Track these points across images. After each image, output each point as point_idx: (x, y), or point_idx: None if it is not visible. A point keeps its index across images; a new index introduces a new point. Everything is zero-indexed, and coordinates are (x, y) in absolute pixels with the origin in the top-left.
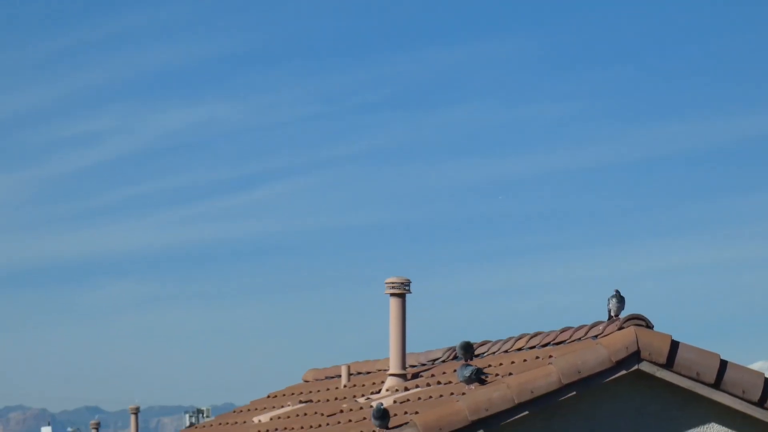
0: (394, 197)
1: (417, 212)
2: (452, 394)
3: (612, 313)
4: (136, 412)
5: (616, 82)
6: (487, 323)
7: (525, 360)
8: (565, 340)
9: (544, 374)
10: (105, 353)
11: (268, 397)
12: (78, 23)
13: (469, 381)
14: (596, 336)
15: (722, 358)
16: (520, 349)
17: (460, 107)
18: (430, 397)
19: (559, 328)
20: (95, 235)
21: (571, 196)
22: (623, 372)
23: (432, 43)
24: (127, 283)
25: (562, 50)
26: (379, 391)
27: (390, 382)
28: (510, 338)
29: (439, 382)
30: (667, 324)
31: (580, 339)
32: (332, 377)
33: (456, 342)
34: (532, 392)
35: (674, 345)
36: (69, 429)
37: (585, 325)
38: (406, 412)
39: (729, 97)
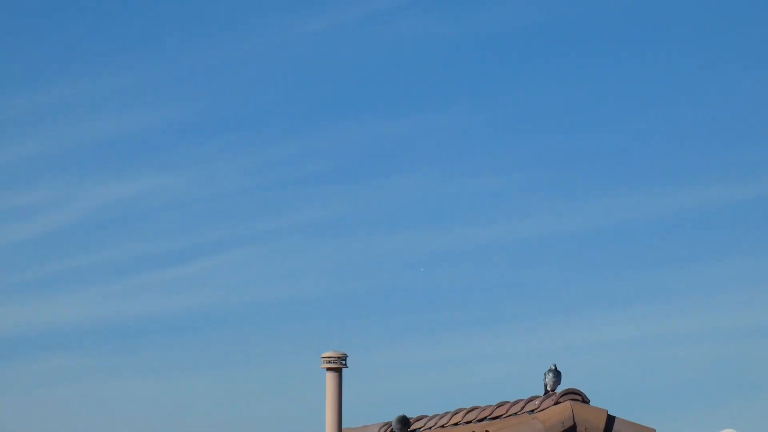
0: (331, 270)
1: (355, 285)
2: None
3: (548, 388)
4: None
5: (556, 154)
6: (424, 397)
7: None
8: (501, 415)
9: None
10: (37, 428)
11: None
12: (6, 94)
13: None
14: (533, 411)
15: None
16: (456, 424)
17: (400, 179)
18: None
19: (495, 402)
20: (29, 310)
21: (510, 268)
22: None
23: (371, 114)
24: (62, 358)
25: (503, 121)
26: None
27: None
28: (447, 413)
29: None
30: (604, 398)
31: (516, 414)
32: None
33: (393, 416)
34: None
35: (610, 420)
36: None
37: (521, 400)
38: None
39: (667, 171)
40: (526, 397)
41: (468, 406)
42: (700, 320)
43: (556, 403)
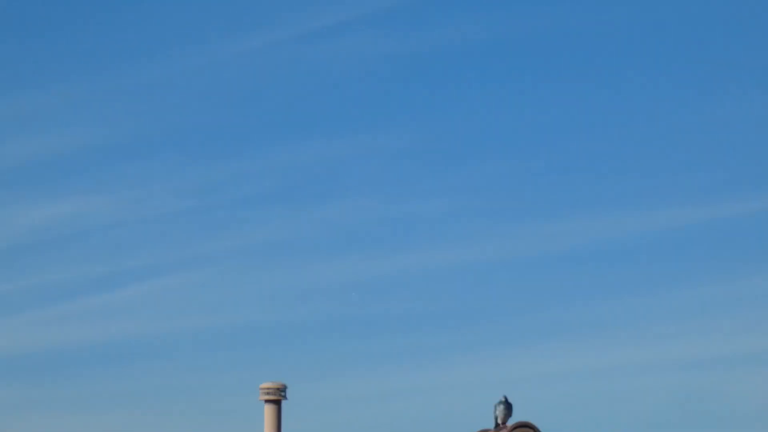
0: (270, 297)
1: (294, 313)
2: None
3: (499, 420)
4: None
5: (501, 178)
6: (368, 429)
7: None
8: None
9: None
10: None
11: None
12: None
13: None
14: None
15: None
16: None
17: (342, 202)
18: None
19: None
20: None
21: (454, 295)
22: None
23: (314, 134)
24: None
25: (445, 144)
26: None
27: None
28: None
29: None
30: (557, 431)
31: None
32: None
33: None
34: None
35: None
36: None
37: None
38: None
39: (615, 196)
40: (474, 430)
41: None
42: (660, 350)
43: None
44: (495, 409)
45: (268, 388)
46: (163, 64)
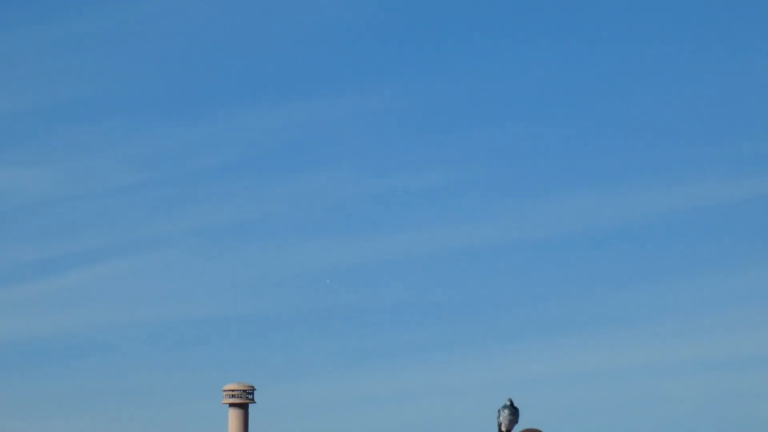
0: (234, 286)
1: (263, 304)
2: None
3: (503, 428)
4: None
5: (504, 147)
6: None
7: None
8: None
9: None
10: None
11: None
12: None
13: None
14: None
15: None
16: None
17: (317, 175)
18: None
19: None
20: None
21: (450, 284)
22: None
23: (285, 97)
24: None
25: (440, 108)
26: None
27: None
28: None
29: None
30: None
31: None
32: None
33: None
34: None
35: None
36: None
37: None
38: None
39: (640, 168)
40: None
41: None
42: (689, 347)
43: None
44: (498, 415)
45: (233, 390)
46: (111, 15)
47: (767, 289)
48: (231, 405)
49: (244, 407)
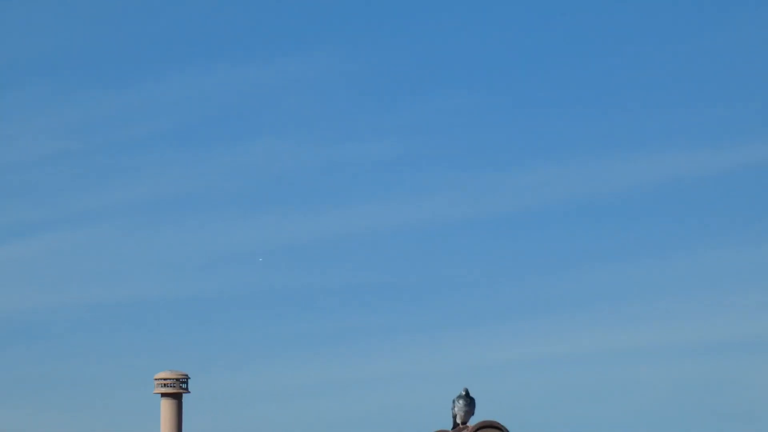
0: (167, 265)
1: (198, 285)
2: None
3: (458, 420)
4: None
5: (458, 117)
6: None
7: None
8: None
9: None
10: None
11: None
12: None
13: None
14: None
15: None
16: None
17: (255, 146)
18: None
19: None
20: None
21: (403, 263)
22: None
23: (219, 62)
24: None
25: (395, 71)
26: None
27: None
28: None
29: None
30: None
31: None
32: None
33: None
34: None
35: None
36: None
37: None
38: None
39: (606, 138)
40: (429, 431)
41: None
42: (660, 332)
43: None
44: (453, 406)
45: (165, 379)
46: None
47: (742, 269)
48: (163, 395)
49: (177, 397)
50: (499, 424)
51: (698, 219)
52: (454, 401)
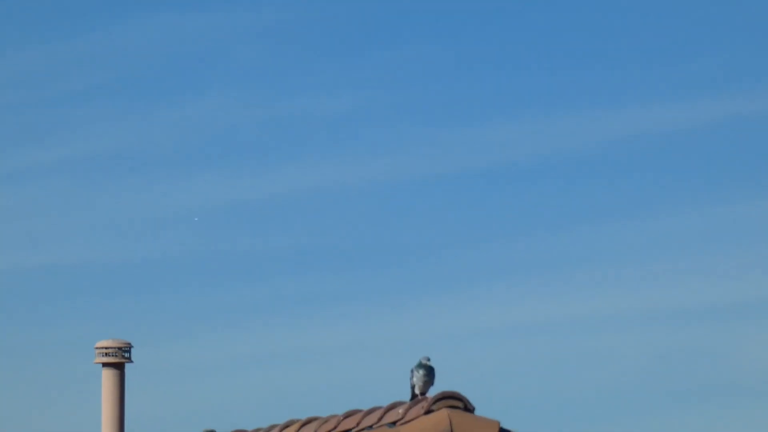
0: (105, 227)
1: (139, 248)
2: None
3: (417, 390)
4: None
5: (414, 68)
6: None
7: None
8: (351, 429)
9: None
10: None
11: None
12: None
13: None
14: (395, 423)
15: None
16: None
17: (197, 99)
18: None
19: (342, 411)
20: None
21: (356, 225)
22: None
23: (159, 10)
24: None
25: (340, 22)
26: None
27: None
28: (274, 426)
29: None
30: (494, 405)
31: (372, 427)
32: None
33: (197, 431)
34: None
35: None
36: None
37: (379, 408)
38: None
39: (578, 88)
40: (384, 403)
41: (303, 417)
42: (635, 296)
43: (428, 412)
44: (412, 375)
45: (106, 348)
46: None
47: (725, 230)
48: (104, 365)
49: (119, 367)
50: (460, 394)
51: (670, 178)
52: (412, 371)
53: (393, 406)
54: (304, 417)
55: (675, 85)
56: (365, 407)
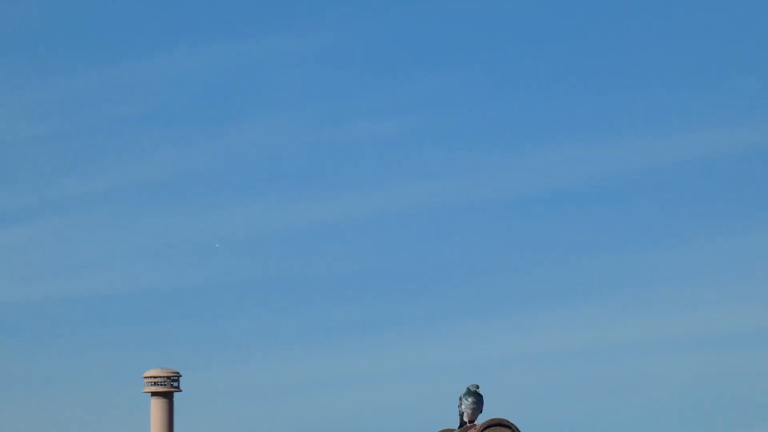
0: (155, 254)
1: (189, 276)
2: None
3: (466, 418)
4: None
5: (467, 93)
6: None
7: None
8: None
9: None
10: None
11: None
12: None
13: None
14: None
15: None
16: None
17: (249, 126)
18: None
19: None
20: None
21: (406, 250)
22: None
23: (208, 38)
24: None
25: (394, 45)
26: None
27: None
28: None
29: None
30: (541, 431)
31: None
32: None
33: None
34: None
35: None
36: None
37: None
38: None
39: (619, 117)
40: (434, 430)
41: None
42: (679, 322)
43: None
44: (460, 403)
45: (155, 377)
46: None
47: (762, 255)
48: (153, 394)
49: (168, 396)
50: (508, 422)
51: (715, 203)
52: (461, 398)
53: None
54: None
55: (719, 110)
56: None
